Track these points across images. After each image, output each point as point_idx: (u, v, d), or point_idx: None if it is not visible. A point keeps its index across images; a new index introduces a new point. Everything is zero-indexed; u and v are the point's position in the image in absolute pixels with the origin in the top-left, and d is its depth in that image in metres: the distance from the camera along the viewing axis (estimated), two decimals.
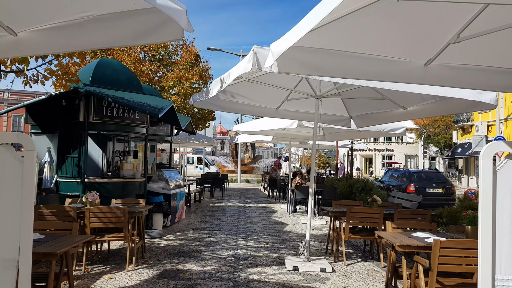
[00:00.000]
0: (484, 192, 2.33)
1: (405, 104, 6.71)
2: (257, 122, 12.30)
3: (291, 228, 10.80)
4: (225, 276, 6.14)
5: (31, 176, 2.46)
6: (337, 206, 8.01)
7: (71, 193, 8.67)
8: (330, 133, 11.68)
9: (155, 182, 10.84)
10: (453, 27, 3.27)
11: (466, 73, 3.84)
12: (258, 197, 20.40)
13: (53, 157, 9.17)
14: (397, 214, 6.53)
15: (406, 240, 4.69)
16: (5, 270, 2.42)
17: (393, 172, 20.59)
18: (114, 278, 5.94)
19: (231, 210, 14.64)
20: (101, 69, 9.48)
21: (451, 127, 43.87)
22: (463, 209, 7.54)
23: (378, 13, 2.99)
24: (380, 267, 6.85)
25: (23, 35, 3.01)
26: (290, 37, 3.08)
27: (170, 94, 20.47)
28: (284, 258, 7.22)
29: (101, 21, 2.76)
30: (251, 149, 43.52)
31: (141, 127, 9.93)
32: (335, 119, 8.34)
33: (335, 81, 6.14)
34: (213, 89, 6.13)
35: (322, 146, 18.82)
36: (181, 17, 2.56)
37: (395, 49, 3.73)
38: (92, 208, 6.33)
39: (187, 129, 13.61)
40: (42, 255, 3.85)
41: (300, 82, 6.86)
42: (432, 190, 16.43)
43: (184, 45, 22.43)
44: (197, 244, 8.34)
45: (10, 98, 48.62)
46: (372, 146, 63.40)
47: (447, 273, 4.37)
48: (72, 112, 8.88)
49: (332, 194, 12.64)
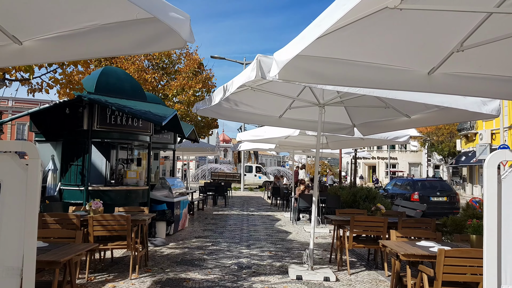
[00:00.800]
0: (489, 201, 2.32)
1: (408, 112, 6.70)
2: (260, 130, 12.31)
3: (294, 236, 10.76)
4: (228, 285, 6.12)
5: (35, 184, 2.46)
6: (340, 214, 7.99)
7: (74, 201, 8.67)
8: (334, 141, 11.67)
9: (158, 190, 10.85)
10: (456, 36, 3.28)
11: (469, 82, 3.84)
12: (261, 205, 20.36)
13: (56, 165, 9.19)
14: (401, 222, 6.51)
15: (411, 249, 4.67)
16: (9, 278, 2.42)
17: (397, 181, 20.52)
18: (117, 287, 5.92)
19: (234, 218, 14.61)
20: (105, 77, 9.52)
21: (455, 135, 43.75)
22: (468, 218, 7.49)
23: (381, 22, 3.00)
24: (384, 276, 6.81)
25: (28, 44, 3.03)
26: (295, 46, 3.10)
27: (173, 102, 20.55)
28: (287, 267, 7.19)
29: (105, 30, 2.78)
30: (254, 157, 43.54)
31: (145, 135, 9.95)
32: (338, 127, 8.34)
33: (339, 90, 6.15)
34: (216, 97, 6.15)
35: (325, 154, 18.80)
36: (184, 26, 2.57)
37: (398, 58, 3.74)
38: (96, 216, 6.33)
39: (190, 137, 13.63)
40: (45, 263, 3.85)
41: (303, 91, 6.87)
42: (436, 199, 16.34)
43: (188, 54, 22.55)
44: (200, 253, 8.32)
45: (14, 106, 48.87)
46: (376, 154, 63.17)
47: (452, 283, 4.34)
48: (76, 120, 8.92)
49: (335, 203, 12.60)
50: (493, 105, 5.01)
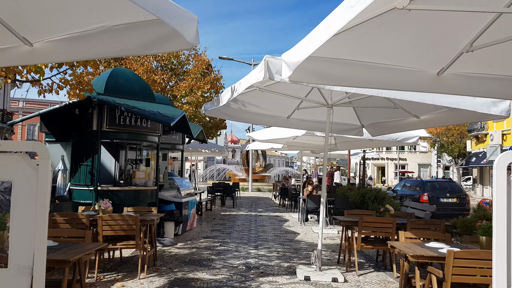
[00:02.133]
0: (499, 202, 2.30)
1: (417, 112, 6.67)
2: (269, 130, 12.32)
3: (302, 237, 10.75)
4: (236, 285, 6.13)
5: (45, 184, 2.48)
6: (349, 215, 7.97)
7: (84, 201, 8.74)
8: (342, 142, 11.64)
9: (167, 190, 10.89)
10: (466, 36, 3.26)
11: (479, 82, 3.82)
12: (269, 206, 20.35)
13: (66, 165, 9.26)
14: (410, 224, 6.47)
15: (420, 250, 4.64)
16: (20, 276, 2.44)
17: (406, 182, 20.41)
18: (126, 286, 5.95)
19: (242, 218, 14.62)
20: (114, 78, 9.58)
21: (465, 136, 43.45)
22: (477, 219, 7.44)
23: (390, 23, 3.00)
24: (393, 278, 6.78)
25: (38, 45, 3.07)
26: (305, 48, 3.09)
27: (182, 103, 20.64)
28: (295, 267, 7.18)
29: (114, 31, 2.81)
30: (262, 157, 43.46)
31: (153, 135, 9.99)
32: (346, 128, 8.31)
33: (347, 91, 6.13)
34: (224, 98, 6.16)
35: (333, 155, 18.76)
36: (190, 28, 2.58)
37: (407, 58, 3.72)
38: (105, 216, 6.37)
39: (199, 138, 13.67)
40: (55, 262, 3.88)
41: (312, 91, 6.86)
42: (446, 200, 16.23)
43: (196, 55, 22.64)
44: (209, 253, 8.34)
45: (24, 107, 49.38)
46: (385, 155, 62.91)
47: (461, 284, 4.32)
48: (86, 120, 8.99)
49: (344, 203, 12.56)
50: (503, 105, 4.97)
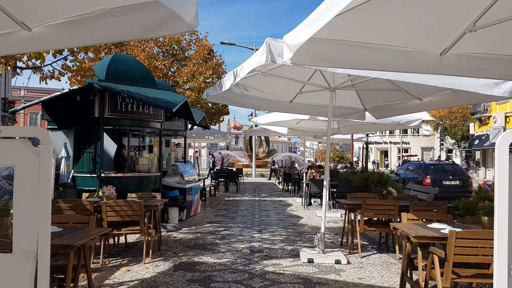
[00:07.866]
0: (500, 182, 2.29)
1: (420, 95, 6.62)
2: (271, 115, 12.28)
3: (306, 221, 10.80)
4: (241, 268, 6.18)
5: (47, 169, 2.49)
6: (352, 198, 7.98)
7: (87, 187, 8.78)
8: (345, 126, 11.60)
9: (170, 176, 10.93)
10: (469, 16, 3.22)
11: (482, 62, 3.78)
12: (273, 191, 20.42)
13: (69, 152, 9.29)
14: (412, 206, 6.48)
15: (422, 231, 4.66)
16: (25, 261, 2.47)
17: (409, 165, 20.39)
18: (131, 271, 6.01)
19: (246, 204, 14.69)
20: (115, 64, 9.55)
21: (468, 119, 43.29)
22: (479, 200, 7.45)
23: (393, 2, 2.96)
24: (396, 259, 6.82)
25: (37, 30, 3.04)
26: (306, 29, 3.05)
27: (184, 89, 20.58)
28: (299, 250, 7.22)
29: (113, 14, 2.77)
30: (265, 143, 43.48)
31: (156, 122, 9.99)
32: (349, 111, 8.27)
33: (349, 73, 6.09)
34: (226, 83, 6.13)
35: (336, 139, 18.73)
36: (189, 10, 2.55)
37: (410, 39, 3.68)
38: (109, 202, 6.40)
39: (201, 124, 13.66)
40: (60, 247, 3.91)
41: (314, 75, 6.82)
42: (449, 183, 16.24)
43: (198, 40, 22.49)
44: (213, 237, 8.39)
45: (26, 95, 49.30)
46: (388, 139, 62.78)
47: (463, 264, 4.34)
48: (87, 107, 8.98)
49: (347, 187, 12.60)
50: (506, 86, 4.91)
